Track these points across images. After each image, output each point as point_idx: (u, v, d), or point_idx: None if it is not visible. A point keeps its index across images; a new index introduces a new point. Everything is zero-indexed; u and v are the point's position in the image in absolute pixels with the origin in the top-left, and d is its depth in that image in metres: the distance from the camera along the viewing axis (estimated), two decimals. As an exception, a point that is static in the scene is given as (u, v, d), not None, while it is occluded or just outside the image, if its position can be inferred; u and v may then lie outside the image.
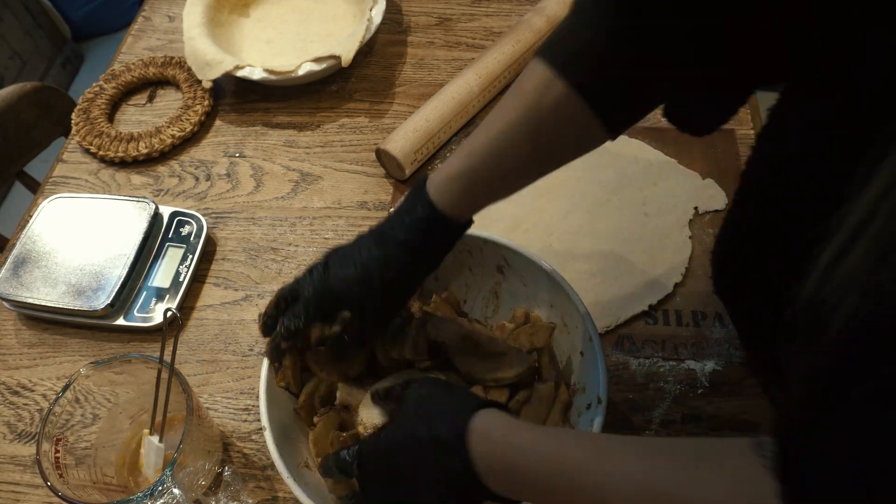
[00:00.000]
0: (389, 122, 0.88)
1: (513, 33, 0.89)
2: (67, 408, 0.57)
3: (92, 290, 0.71)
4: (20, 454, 0.67)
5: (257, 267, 0.77)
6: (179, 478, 0.54)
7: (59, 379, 0.71)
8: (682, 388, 0.64)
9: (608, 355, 0.66)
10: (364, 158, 0.85)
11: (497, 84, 0.87)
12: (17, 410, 0.69)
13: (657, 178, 0.79)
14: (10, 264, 0.74)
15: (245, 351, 0.71)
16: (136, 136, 0.87)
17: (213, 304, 0.75)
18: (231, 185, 0.84)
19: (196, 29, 0.91)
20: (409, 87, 0.92)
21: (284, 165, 0.86)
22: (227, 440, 0.66)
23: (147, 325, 0.71)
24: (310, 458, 0.58)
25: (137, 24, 1.04)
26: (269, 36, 0.98)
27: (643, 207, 0.76)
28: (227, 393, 0.69)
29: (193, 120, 0.88)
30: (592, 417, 0.52)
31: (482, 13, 0.99)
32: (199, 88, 0.91)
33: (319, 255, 0.77)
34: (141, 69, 0.95)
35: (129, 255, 0.73)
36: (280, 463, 0.52)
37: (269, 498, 0.62)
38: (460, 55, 0.95)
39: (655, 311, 0.70)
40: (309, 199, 0.82)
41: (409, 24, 0.99)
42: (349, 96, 0.92)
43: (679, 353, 0.67)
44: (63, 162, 0.89)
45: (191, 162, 0.87)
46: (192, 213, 0.78)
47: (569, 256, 0.73)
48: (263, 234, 0.80)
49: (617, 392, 0.65)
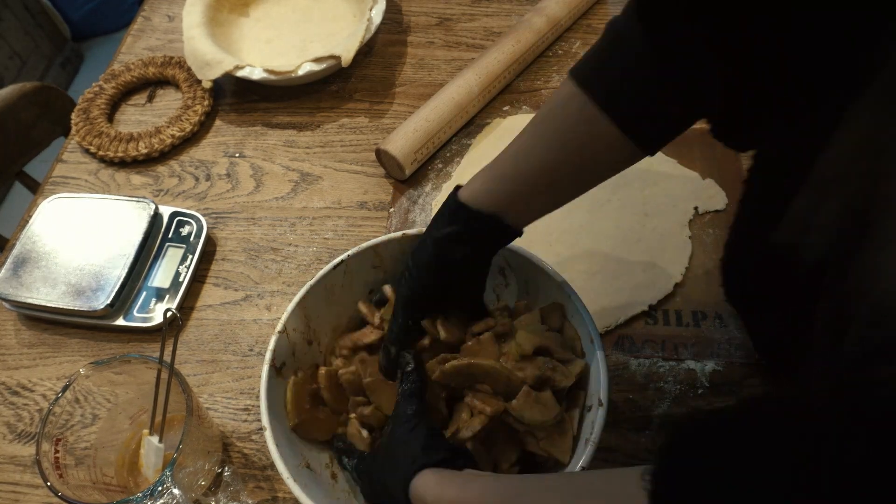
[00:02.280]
0: (389, 122, 0.88)
1: (513, 33, 0.89)
2: (67, 408, 0.57)
3: (92, 291, 0.71)
4: (20, 454, 0.67)
5: (257, 267, 0.77)
6: (179, 478, 0.54)
7: (59, 379, 0.71)
8: (682, 389, 0.64)
9: (608, 355, 0.66)
10: (364, 158, 0.85)
11: (497, 84, 0.87)
12: (17, 410, 0.69)
13: (657, 178, 0.79)
14: (10, 264, 0.74)
15: (245, 351, 0.71)
16: (135, 136, 0.87)
17: (213, 304, 0.75)
18: (231, 185, 0.84)
19: (196, 29, 0.91)
20: (409, 87, 0.92)
21: (284, 165, 0.86)
22: (227, 440, 0.66)
23: (147, 326, 0.71)
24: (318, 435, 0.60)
25: (137, 23, 1.04)
26: (269, 36, 0.98)
27: (643, 207, 0.76)
28: (227, 393, 0.69)
29: (193, 120, 0.88)
30: (594, 419, 0.52)
31: (482, 13, 0.99)
32: (199, 88, 0.91)
33: (319, 255, 0.78)
34: (141, 69, 0.95)
35: (129, 256, 0.73)
36: (281, 464, 0.52)
37: (268, 498, 0.62)
38: (460, 55, 0.95)
39: (655, 311, 0.69)
40: (309, 199, 0.82)
41: (409, 24, 0.99)
42: (349, 96, 0.92)
43: (679, 354, 0.67)
44: (63, 162, 0.89)
45: (191, 162, 0.87)
46: (192, 213, 0.78)
47: (569, 256, 0.73)
48: (263, 234, 0.80)
49: (617, 392, 0.65)
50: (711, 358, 0.66)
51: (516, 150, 0.52)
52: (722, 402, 0.63)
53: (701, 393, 0.64)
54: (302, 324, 0.62)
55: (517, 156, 0.52)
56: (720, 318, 0.68)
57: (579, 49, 0.93)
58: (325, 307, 0.63)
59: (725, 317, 0.68)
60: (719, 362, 0.66)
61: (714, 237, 0.74)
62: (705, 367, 0.65)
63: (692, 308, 0.69)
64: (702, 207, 0.76)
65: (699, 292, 0.70)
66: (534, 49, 0.90)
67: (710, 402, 0.63)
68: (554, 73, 0.91)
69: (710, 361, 0.66)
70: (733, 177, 0.78)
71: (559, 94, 0.51)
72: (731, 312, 0.68)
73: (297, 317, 0.61)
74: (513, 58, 0.87)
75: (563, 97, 0.51)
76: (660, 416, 0.63)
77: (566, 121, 0.50)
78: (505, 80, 0.88)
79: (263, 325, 0.73)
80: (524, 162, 0.52)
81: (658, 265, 0.72)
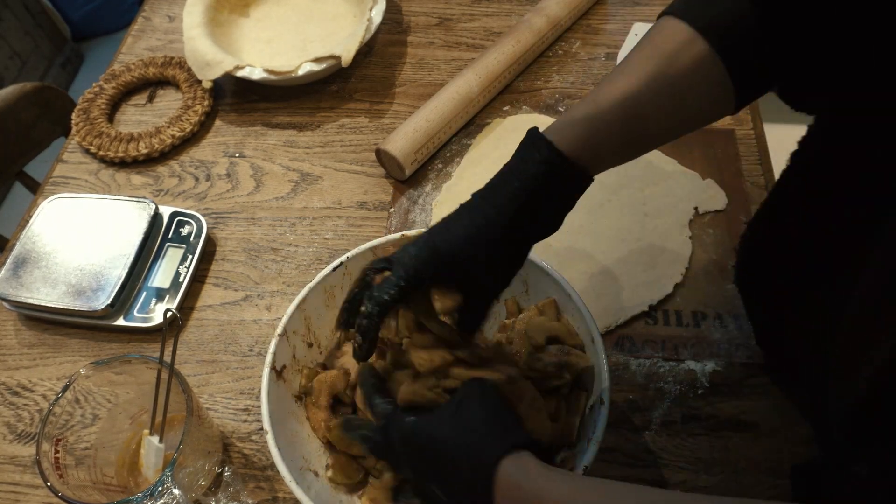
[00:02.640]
0: (389, 122, 0.88)
1: (513, 33, 0.89)
2: (67, 408, 0.57)
3: (92, 291, 0.71)
4: (20, 454, 0.67)
5: (257, 267, 0.77)
6: (179, 478, 0.54)
7: (59, 379, 0.71)
8: (682, 389, 0.64)
9: (608, 355, 0.66)
10: (364, 158, 0.85)
11: (497, 84, 0.87)
12: (17, 411, 0.69)
13: (657, 178, 0.79)
14: (10, 264, 0.74)
15: (245, 351, 0.71)
16: (136, 137, 0.87)
17: (213, 304, 0.75)
18: (231, 185, 0.84)
19: (196, 29, 0.91)
20: (409, 87, 0.92)
21: (284, 165, 0.86)
22: (227, 440, 0.66)
23: (147, 326, 0.71)
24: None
25: (137, 24, 1.04)
26: (269, 36, 0.98)
27: (643, 207, 0.76)
28: (227, 393, 0.69)
29: (193, 120, 0.88)
30: (595, 419, 0.52)
31: (482, 13, 0.99)
32: (199, 88, 0.91)
33: (319, 255, 0.78)
34: (141, 69, 0.95)
35: (129, 256, 0.73)
36: (283, 467, 0.52)
37: (269, 498, 0.62)
38: (460, 55, 0.95)
39: (655, 312, 0.69)
40: (309, 200, 0.82)
41: (409, 24, 0.99)
42: (349, 96, 0.92)
43: (679, 354, 0.67)
44: (63, 162, 0.89)
45: (191, 162, 0.87)
46: (192, 214, 0.78)
47: (569, 256, 0.73)
48: (263, 234, 0.80)
49: (617, 392, 0.64)
50: (711, 358, 0.66)
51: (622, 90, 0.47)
52: (722, 403, 0.63)
53: (701, 393, 0.64)
54: (302, 326, 0.62)
55: (599, 87, 0.47)
56: (720, 318, 0.68)
57: (579, 49, 0.93)
58: (324, 309, 0.64)
59: (725, 317, 0.68)
60: (719, 362, 0.66)
61: (714, 237, 0.74)
62: (705, 367, 0.65)
63: (692, 308, 0.69)
64: (702, 207, 0.76)
65: (699, 292, 0.70)
66: (534, 49, 0.90)
67: (710, 403, 0.63)
68: (554, 73, 0.91)
69: (710, 361, 0.66)
70: (733, 177, 0.78)
71: (652, 28, 0.48)
72: (731, 312, 0.68)
73: (296, 319, 0.61)
74: (513, 58, 0.87)
75: (659, 28, 0.47)
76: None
77: (662, 45, 0.46)
78: (505, 80, 0.88)
79: (263, 325, 0.73)
80: (606, 93, 0.47)
81: (658, 265, 0.72)
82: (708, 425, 0.62)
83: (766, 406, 0.63)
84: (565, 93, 0.89)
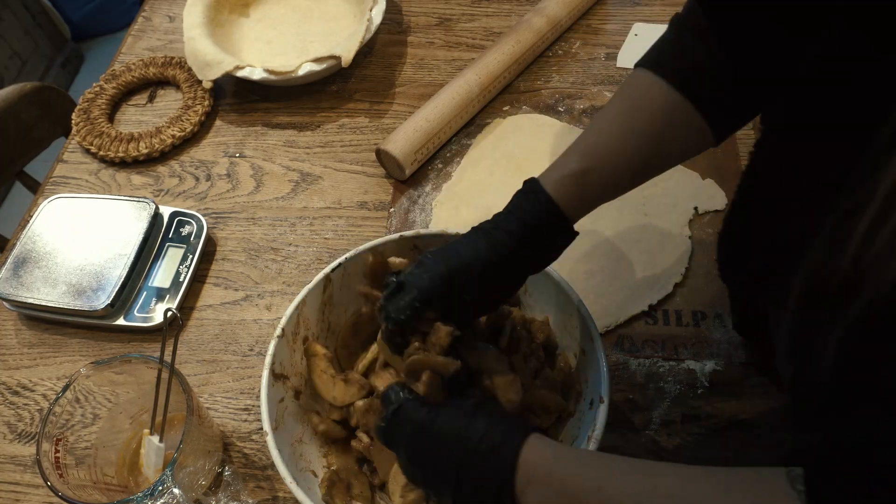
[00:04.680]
0: (389, 122, 0.88)
1: (513, 33, 0.89)
2: (67, 408, 0.57)
3: (92, 290, 0.72)
4: (20, 454, 0.67)
5: (257, 267, 0.77)
6: (179, 478, 0.54)
7: (59, 379, 0.71)
8: (681, 389, 0.64)
9: (607, 355, 0.66)
10: (364, 158, 0.85)
11: (497, 84, 0.87)
12: (17, 410, 0.69)
13: (657, 178, 0.78)
14: (11, 264, 0.74)
15: (245, 351, 0.71)
16: (136, 137, 0.87)
17: (214, 304, 0.75)
18: (231, 185, 0.84)
19: (196, 29, 0.91)
20: (409, 87, 0.92)
21: (284, 165, 0.86)
22: (227, 440, 0.66)
23: (147, 325, 0.71)
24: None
25: (137, 24, 1.04)
26: (269, 36, 0.98)
27: (643, 207, 0.76)
28: (227, 393, 0.69)
29: (193, 120, 0.88)
30: (595, 416, 0.52)
31: (482, 13, 0.99)
32: (200, 88, 0.91)
33: (319, 255, 0.78)
34: (141, 69, 0.95)
35: (130, 255, 0.73)
36: (283, 468, 0.52)
37: (269, 498, 0.62)
38: (460, 55, 0.95)
39: (655, 311, 0.70)
40: (309, 200, 0.82)
41: (409, 24, 0.99)
42: (349, 96, 0.92)
43: (679, 353, 0.67)
44: (63, 162, 0.89)
45: (191, 162, 0.87)
46: (193, 214, 0.78)
47: (569, 256, 0.73)
48: (263, 234, 0.80)
49: (617, 392, 0.65)
50: (711, 358, 0.66)
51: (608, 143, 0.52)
52: (722, 403, 0.63)
53: (701, 393, 0.64)
54: (301, 327, 0.62)
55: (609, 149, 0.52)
56: (720, 318, 0.68)
57: (579, 49, 0.93)
58: (324, 310, 0.64)
59: (725, 317, 0.68)
60: (719, 362, 0.66)
61: (714, 237, 0.74)
62: (705, 367, 0.65)
63: (692, 308, 0.69)
64: (702, 207, 0.76)
65: (699, 292, 0.70)
66: (534, 49, 0.90)
67: (710, 402, 0.63)
68: (554, 74, 0.91)
69: (709, 361, 0.66)
70: (733, 177, 0.78)
71: (628, 81, 0.52)
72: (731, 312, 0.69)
73: (296, 320, 0.61)
74: (513, 58, 0.87)
75: (634, 81, 0.52)
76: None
77: (639, 99, 0.51)
78: (505, 80, 0.88)
79: (263, 325, 0.73)
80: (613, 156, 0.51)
81: (658, 265, 0.72)
82: (708, 425, 0.62)
83: (766, 406, 0.63)
84: (565, 93, 0.89)
